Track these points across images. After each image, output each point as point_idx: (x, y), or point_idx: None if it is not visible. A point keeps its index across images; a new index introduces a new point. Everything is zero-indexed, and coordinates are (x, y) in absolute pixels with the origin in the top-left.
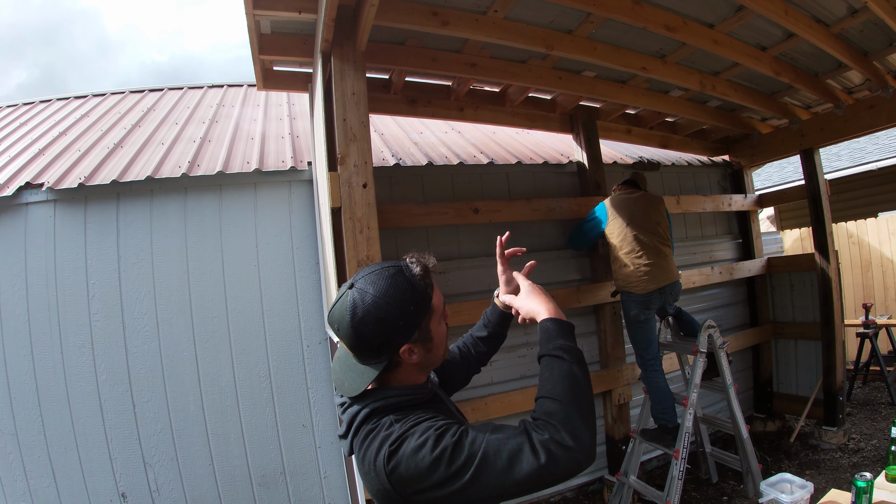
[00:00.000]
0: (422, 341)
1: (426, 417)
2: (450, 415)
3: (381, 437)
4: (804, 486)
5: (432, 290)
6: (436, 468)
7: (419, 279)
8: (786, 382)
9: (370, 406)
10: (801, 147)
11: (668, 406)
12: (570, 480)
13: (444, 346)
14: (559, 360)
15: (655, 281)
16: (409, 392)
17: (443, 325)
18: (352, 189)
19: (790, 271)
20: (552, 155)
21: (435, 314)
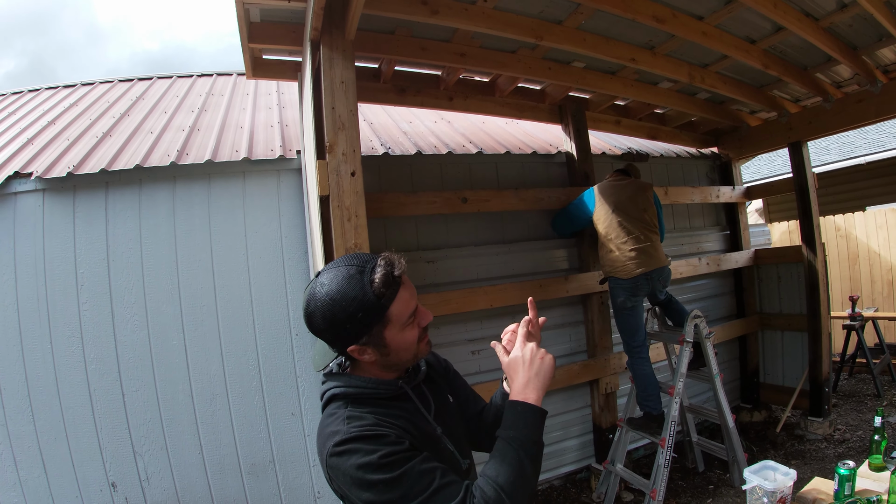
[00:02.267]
0: (374, 346)
1: (376, 434)
2: (411, 421)
3: (330, 430)
4: (787, 473)
5: (389, 301)
6: (366, 490)
7: (375, 287)
8: (772, 373)
9: (333, 390)
10: (789, 140)
11: (653, 394)
12: (557, 468)
13: (410, 350)
14: (514, 453)
15: (641, 265)
16: (372, 385)
17: (407, 332)
18: (340, 177)
19: (777, 263)
20: (541, 145)
21: (393, 323)
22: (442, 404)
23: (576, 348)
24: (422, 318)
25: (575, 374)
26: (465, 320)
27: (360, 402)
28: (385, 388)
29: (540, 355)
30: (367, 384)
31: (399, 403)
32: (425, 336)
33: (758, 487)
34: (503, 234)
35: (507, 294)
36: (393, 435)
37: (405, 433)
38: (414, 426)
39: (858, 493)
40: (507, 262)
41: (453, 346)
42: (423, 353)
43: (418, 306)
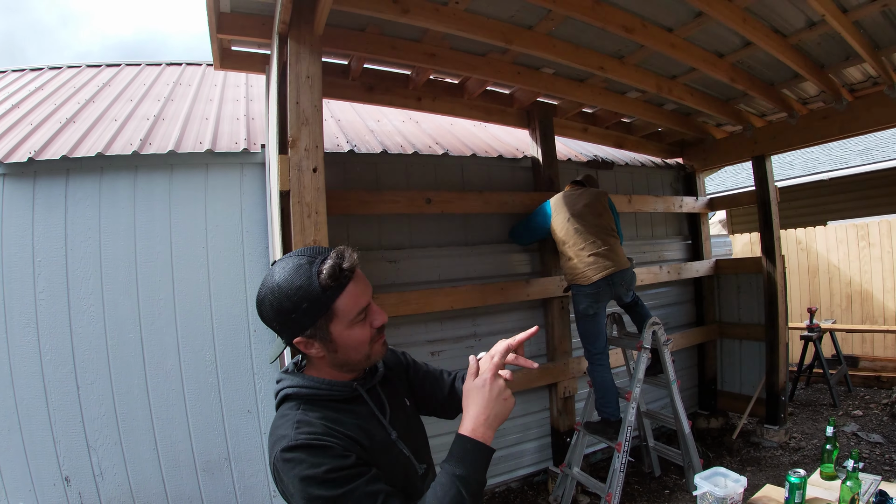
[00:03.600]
0: (320, 340)
1: (322, 444)
2: (363, 426)
3: (279, 434)
4: (738, 480)
5: (335, 294)
6: (305, 500)
7: (322, 280)
8: (730, 381)
9: (286, 390)
10: (753, 153)
11: (611, 400)
12: (515, 471)
13: (360, 350)
14: (457, 490)
15: (601, 270)
16: (325, 387)
17: (356, 330)
18: (301, 173)
19: (737, 273)
20: (507, 149)
21: (339, 318)
22: (398, 407)
23: (535, 352)
24: (374, 318)
25: (534, 378)
26: (425, 321)
27: (312, 403)
28: (339, 389)
29: (505, 395)
30: (321, 385)
31: (353, 406)
32: (380, 338)
33: (708, 493)
34: (466, 236)
35: (468, 296)
36: (339, 448)
37: (354, 444)
38: (366, 432)
39: (809, 500)
40: (469, 264)
41: (413, 347)
42: (377, 355)
43: (371, 305)
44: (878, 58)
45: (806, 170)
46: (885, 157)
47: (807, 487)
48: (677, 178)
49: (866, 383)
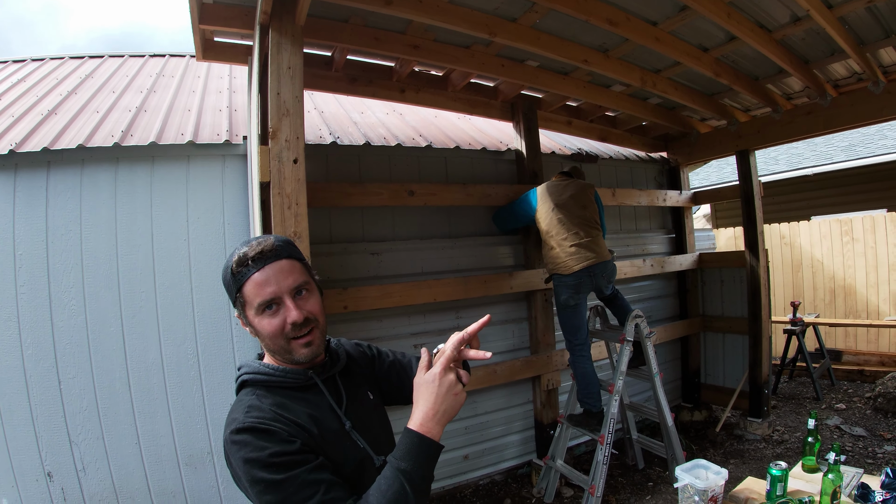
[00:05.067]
0: (245, 320)
1: (267, 429)
2: (315, 415)
3: (231, 417)
4: (719, 472)
5: (241, 279)
6: (252, 485)
7: (231, 263)
8: (713, 374)
9: (244, 376)
10: (737, 148)
11: (593, 391)
12: (499, 463)
13: (275, 342)
14: (400, 485)
15: (582, 261)
16: (280, 374)
17: (264, 321)
18: (282, 164)
19: (721, 267)
20: (491, 142)
21: (249, 304)
22: (357, 399)
23: (518, 344)
24: (286, 313)
25: (517, 370)
26: (408, 314)
27: (267, 389)
28: (293, 377)
29: (456, 390)
30: (276, 372)
31: (307, 395)
32: (300, 337)
33: (689, 486)
34: (450, 228)
35: (451, 289)
36: (284, 433)
37: (301, 431)
38: (316, 421)
39: (791, 493)
40: (452, 256)
41: (397, 340)
42: (301, 355)
43: (287, 302)
44: (863, 54)
45: (790, 165)
46: (869, 153)
47: (788, 480)
48: (661, 172)
49: (849, 377)
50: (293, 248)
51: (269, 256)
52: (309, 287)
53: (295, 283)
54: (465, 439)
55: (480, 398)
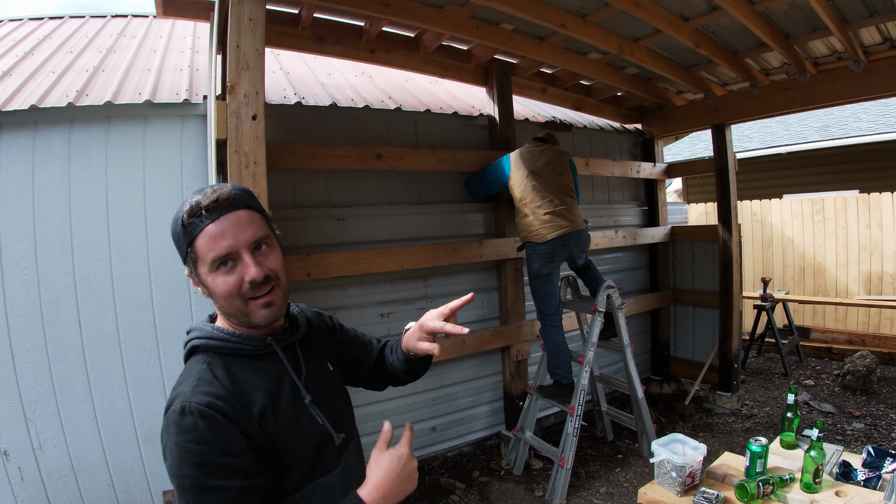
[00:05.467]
0: (197, 278)
1: (214, 418)
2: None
3: (180, 389)
4: (697, 447)
5: (193, 232)
6: (173, 472)
7: (182, 213)
8: (683, 347)
9: (194, 341)
10: (713, 121)
11: (564, 362)
12: (467, 435)
13: (231, 302)
14: None
15: (556, 229)
16: (236, 340)
17: (218, 279)
18: (240, 120)
19: (693, 241)
20: (464, 107)
21: (201, 260)
22: (318, 371)
23: (488, 314)
24: (244, 269)
25: (487, 341)
26: (374, 282)
27: (221, 356)
28: (251, 344)
29: (413, 476)
30: (231, 337)
31: (265, 364)
32: (259, 297)
33: (666, 461)
34: (419, 194)
35: (419, 256)
36: (232, 430)
37: (251, 420)
38: (273, 395)
39: (769, 470)
40: (421, 223)
41: (362, 309)
42: (259, 317)
43: (245, 257)
44: (846, 31)
45: (764, 143)
46: (844, 134)
47: (768, 456)
48: (636, 144)
49: (817, 354)
50: (252, 197)
51: (226, 206)
52: (269, 242)
53: (254, 236)
54: (432, 410)
55: (448, 369)
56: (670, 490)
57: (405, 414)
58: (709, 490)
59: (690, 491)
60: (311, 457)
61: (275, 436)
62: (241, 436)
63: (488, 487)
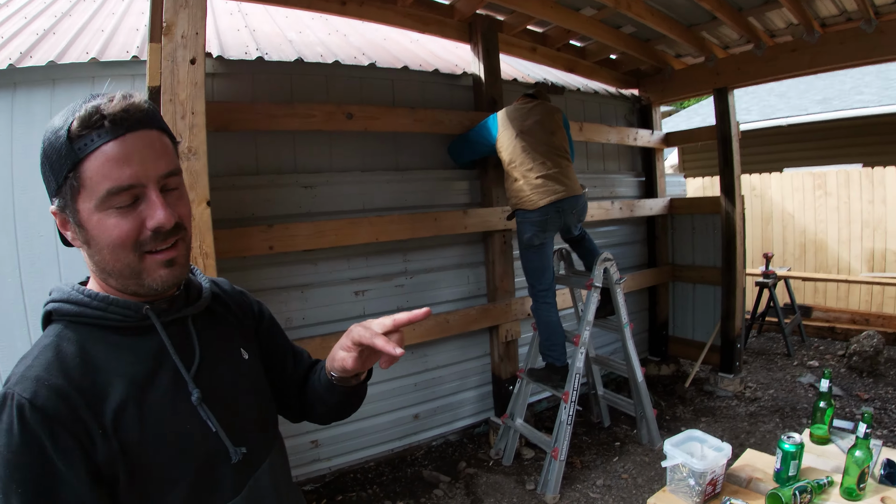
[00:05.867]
0: (71, 217)
1: (44, 408)
2: (139, 380)
3: (20, 363)
4: (720, 448)
5: (85, 149)
6: None
7: (70, 122)
8: (682, 326)
9: (50, 304)
10: (715, 85)
11: (557, 343)
12: (454, 422)
13: (119, 255)
14: None
15: (549, 194)
16: (98, 305)
17: (108, 219)
18: (176, 65)
19: (693, 213)
20: (446, 66)
21: (87, 191)
22: (221, 357)
23: (474, 291)
24: (148, 213)
25: (473, 320)
26: (347, 256)
27: (79, 328)
28: (117, 312)
29: None
30: (92, 301)
31: (138, 342)
32: (159, 251)
33: (682, 466)
34: (397, 160)
35: (396, 227)
36: (59, 440)
37: (99, 425)
38: (139, 389)
39: (801, 472)
40: (399, 191)
41: (334, 286)
42: (154, 277)
43: (149, 194)
44: None
45: (763, 115)
46: (846, 105)
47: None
48: (632, 111)
49: (820, 334)
50: (162, 119)
51: (136, 121)
52: (180, 182)
53: (167, 168)
54: (415, 397)
55: (431, 351)
56: (687, 501)
57: (385, 401)
58: (734, 501)
59: (711, 501)
60: (194, 477)
61: (136, 445)
62: (77, 449)
63: (475, 480)
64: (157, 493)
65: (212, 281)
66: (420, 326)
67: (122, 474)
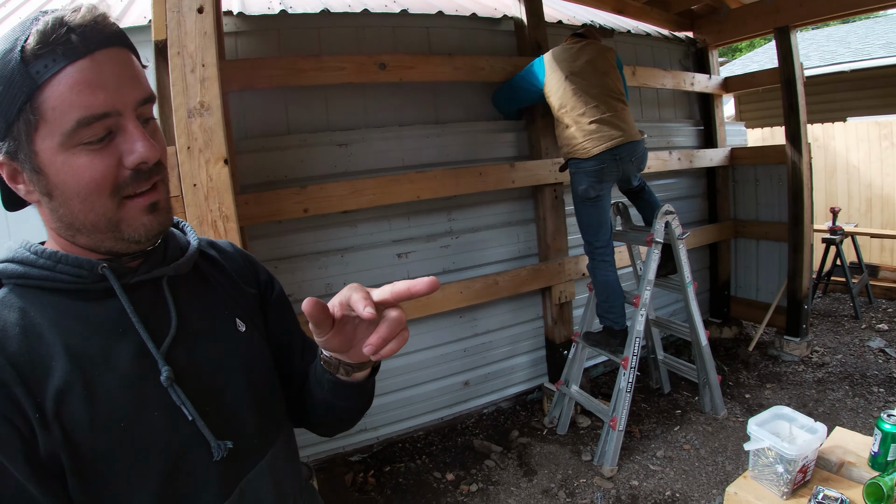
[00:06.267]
0: (26, 163)
1: None
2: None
3: None
4: (813, 429)
5: (44, 72)
6: None
7: (25, 36)
8: (745, 286)
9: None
10: (775, 24)
11: (616, 305)
12: (505, 389)
13: (91, 201)
14: None
15: (605, 140)
16: (45, 262)
17: (82, 159)
18: (182, 15)
19: (756, 164)
20: (484, 10)
21: (48, 124)
22: (204, 330)
23: (525, 251)
24: (127, 145)
25: (524, 281)
26: (388, 216)
27: (25, 291)
28: (66, 271)
29: None
30: (38, 259)
31: (95, 308)
32: (143, 193)
33: (769, 450)
34: (436, 112)
35: (438, 183)
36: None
37: (37, 408)
38: (92, 360)
39: None
40: (440, 146)
41: (375, 249)
42: (136, 227)
43: (125, 125)
44: None
45: (823, 60)
46: None
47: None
48: (687, 55)
49: (887, 295)
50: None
51: (109, 36)
52: (153, 112)
53: (144, 93)
54: (464, 363)
55: (481, 315)
56: (773, 490)
57: (433, 367)
58: (828, 492)
59: (800, 490)
60: (163, 478)
61: (82, 434)
62: (10, 434)
63: (528, 450)
64: (114, 495)
65: (208, 241)
66: (468, 289)
67: (68, 470)
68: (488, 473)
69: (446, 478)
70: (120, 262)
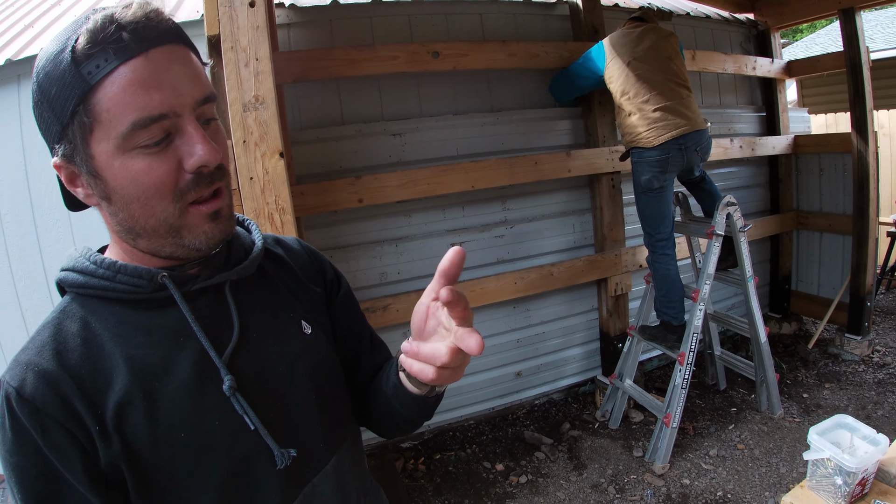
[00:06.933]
0: (84, 167)
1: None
2: (155, 359)
3: (26, 344)
4: (875, 440)
5: (97, 72)
6: None
7: (76, 37)
8: (806, 280)
9: (60, 274)
10: (840, 5)
11: (675, 299)
12: (558, 381)
13: (152, 205)
14: None
15: (670, 129)
16: (105, 273)
17: (139, 162)
18: (234, 10)
19: (820, 153)
20: None
21: (103, 126)
22: (268, 335)
23: (580, 241)
24: (187, 148)
25: (579, 272)
26: (442, 206)
27: (87, 301)
28: (125, 281)
29: None
30: (98, 269)
31: (152, 318)
32: (206, 201)
33: (829, 460)
34: (491, 100)
35: (493, 172)
36: (58, 428)
37: (98, 421)
38: (153, 372)
39: None
40: (494, 134)
41: (429, 238)
42: (198, 234)
43: (184, 127)
44: None
45: (889, 43)
46: None
47: None
48: (748, 37)
49: None
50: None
51: (163, 32)
52: (215, 112)
53: (204, 92)
54: (517, 353)
55: (535, 306)
56: (829, 502)
57: (486, 357)
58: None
59: (857, 503)
60: (225, 488)
61: (144, 447)
62: (71, 446)
63: (579, 443)
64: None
65: (274, 238)
66: (522, 280)
67: (129, 482)
68: (538, 465)
69: (496, 468)
70: (182, 268)
